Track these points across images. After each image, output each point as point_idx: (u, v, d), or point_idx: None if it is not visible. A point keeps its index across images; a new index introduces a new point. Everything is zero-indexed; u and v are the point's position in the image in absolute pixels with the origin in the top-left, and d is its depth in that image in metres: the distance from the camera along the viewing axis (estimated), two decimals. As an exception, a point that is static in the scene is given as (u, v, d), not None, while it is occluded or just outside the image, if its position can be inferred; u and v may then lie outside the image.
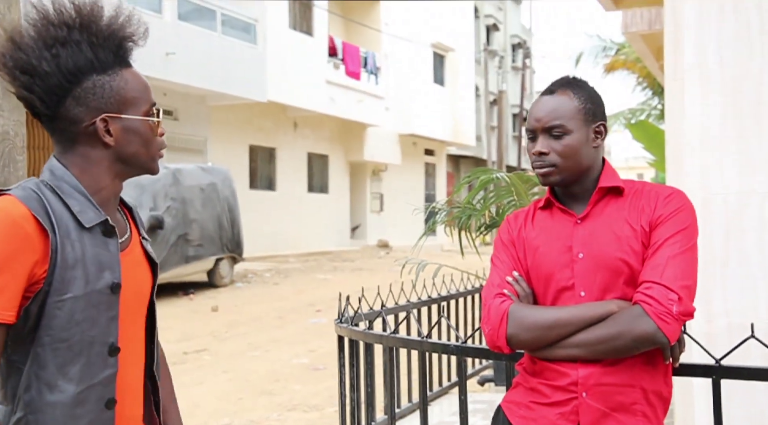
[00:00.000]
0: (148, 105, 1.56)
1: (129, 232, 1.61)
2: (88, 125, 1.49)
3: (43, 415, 1.43)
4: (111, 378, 1.50)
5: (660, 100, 17.61)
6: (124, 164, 1.55)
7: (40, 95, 1.47)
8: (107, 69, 1.50)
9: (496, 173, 5.31)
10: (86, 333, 1.45)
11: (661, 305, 1.69)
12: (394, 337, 2.79)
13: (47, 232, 1.41)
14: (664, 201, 1.82)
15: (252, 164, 20.35)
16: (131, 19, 1.55)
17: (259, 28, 17.98)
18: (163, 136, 1.60)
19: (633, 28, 7.66)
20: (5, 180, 2.14)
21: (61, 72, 1.46)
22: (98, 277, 1.47)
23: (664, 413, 1.86)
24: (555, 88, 1.89)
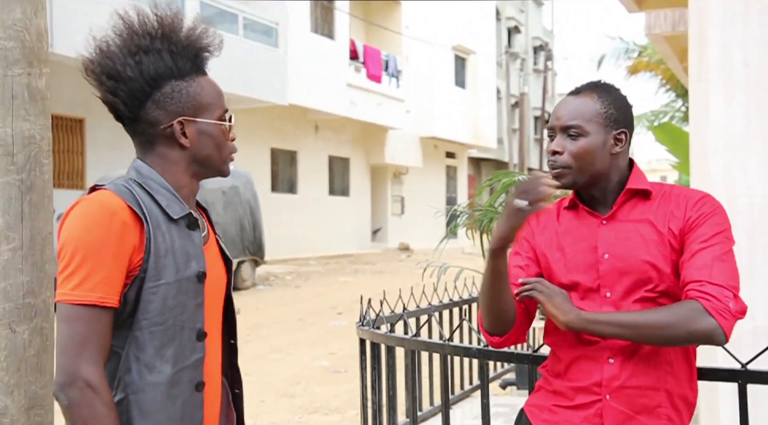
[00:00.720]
0: (221, 110, 1.68)
1: (207, 229, 1.74)
2: (165, 127, 1.62)
3: (144, 395, 1.54)
4: (200, 361, 1.62)
5: (683, 102, 17.47)
6: (199, 165, 1.67)
7: (123, 99, 1.60)
8: (185, 76, 1.63)
9: (518, 176, 5.30)
10: (178, 318, 1.57)
11: (719, 301, 1.66)
12: (416, 340, 2.78)
13: (142, 222, 1.54)
14: (697, 204, 1.80)
15: (273, 167, 20.43)
16: (207, 31, 1.69)
17: (281, 31, 18.05)
18: (234, 141, 1.72)
19: (656, 30, 7.60)
20: (31, 183, 2.17)
21: (143, 77, 1.59)
22: (186, 266, 1.59)
23: (689, 417, 1.84)
24: (581, 90, 1.88)
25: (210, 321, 1.66)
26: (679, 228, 1.79)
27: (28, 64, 2.17)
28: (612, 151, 1.84)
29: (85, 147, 14.94)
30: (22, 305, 2.12)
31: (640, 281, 1.78)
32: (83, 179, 14.91)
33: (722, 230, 1.77)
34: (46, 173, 2.22)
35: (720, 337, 1.66)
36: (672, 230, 1.79)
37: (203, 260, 1.62)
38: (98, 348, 1.50)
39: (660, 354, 1.79)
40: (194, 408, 1.60)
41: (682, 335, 1.67)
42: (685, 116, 16.65)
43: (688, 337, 1.67)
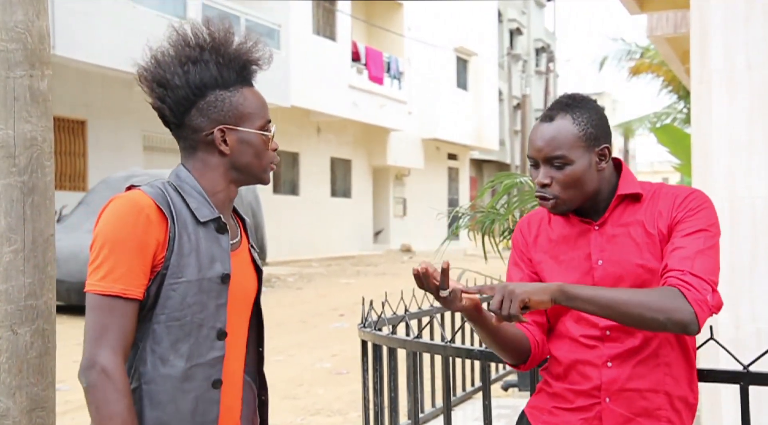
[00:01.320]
0: (264, 121, 1.74)
1: (239, 237, 1.79)
2: (207, 133, 1.69)
3: (156, 386, 1.61)
4: (218, 360, 1.66)
5: (685, 103, 17.46)
6: (238, 172, 1.73)
7: (170, 105, 1.68)
8: (229, 86, 1.70)
9: (520, 178, 5.29)
10: (196, 316, 1.63)
11: (699, 292, 1.65)
12: (418, 342, 2.78)
13: (167, 221, 1.61)
14: (685, 201, 1.79)
15: (275, 168, 20.43)
16: (257, 46, 1.77)
17: (283, 33, 18.07)
18: (275, 150, 1.78)
19: (658, 32, 7.60)
20: (33, 185, 2.17)
21: (189, 86, 1.66)
22: (210, 267, 1.65)
23: (690, 419, 1.84)
24: (554, 114, 1.82)
25: (235, 323, 1.71)
26: (667, 225, 1.78)
27: (30, 66, 2.17)
28: (598, 168, 1.82)
29: (86, 149, 14.95)
30: (24, 307, 2.12)
31: (636, 285, 1.78)
32: (85, 180, 14.92)
33: (708, 224, 1.76)
34: (47, 175, 2.22)
35: (694, 327, 1.65)
36: (661, 229, 1.79)
37: (228, 263, 1.67)
38: (119, 336, 1.56)
39: (659, 357, 1.79)
40: (209, 404, 1.65)
41: (660, 319, 1.64)
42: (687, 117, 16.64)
43: (665, 322, 1.64)
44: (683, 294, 1.64)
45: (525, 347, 1.89)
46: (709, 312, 1.67)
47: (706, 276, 1.68)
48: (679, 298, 1.64)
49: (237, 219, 1.83)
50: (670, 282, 1.68)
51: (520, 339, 1.88)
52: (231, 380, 1.72)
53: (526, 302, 1.63)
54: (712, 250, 1.73)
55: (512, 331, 1.87)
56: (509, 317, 1.63)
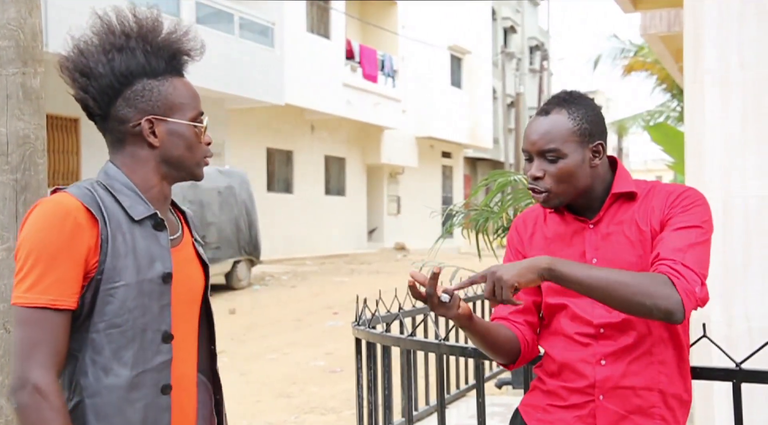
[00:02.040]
0: (195, 112, 1.66)
1: (181, 231, 1.71)
2: (134, 124, 1.60)
3: (101, 398, 1.52)
4: (166, 364, 1.58)
5: (679, 102, 17.49)
6: (170, 166, 1.64)
7: (93, 95, 1.59)
8: (157, 75, 1.62)
9: (514, 176, 5.30)
10: (138, 320, 1.54)
11: (688, 283, 1.65)
12: (412, 340, 2.78)
13: (98, 223, 1.52)
14: (679, 198, 1.79)
15: (269, 166, 20.41)
16: (188, 35, 1.68)
17: (277, 31, 18.03)
18: (209, 144, 1.70)
19: (652, 30, 7.61)
20: (26, 183, 2.17)
21: (114, 74, 1.58)
22: (149, 267, 1.56)
23: (684, 416, 1.85)
24: (550, 108, 1.83)
25: (181, 323, 1.63)
26: (660, 221, 1.79)
27: (22, 63, 2.17)
28: (592, 164, 1.83)
29: (80, 147, 14.92)
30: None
31: None
32: (78, 178, 14.89)
33: (702, 221, 1.76)
34: (40, 173, 2.22)
35: (679, 316, 1.65)
36: (653, 226, 1.79)
37: (169, 262, 1.60)
38: (50, 351, 1.47)
39: (653, 355, 1.79)
40: (159, 412, 1.57)
41: (647, 303, 1.63)
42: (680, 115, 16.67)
43: (651, 307, 1.64)
44: (672, 283, 1.64)
45: (515, 347, 1.90)
46: (695, 304, 1.67)
47: (696, 268, 1.68)
48: (668, 285, 1.64)
49: (177, 213, 1.76)
50: (660, 269, 1.68)
51: (510, 339, 1.90)
52: (182, 383, 1.64)
53: (516, 286, 1.64)
54: (704, 245, 1.74)
55: (503, 333, 1.89)
56: (503, 301, 1.64)
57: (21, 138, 2.17)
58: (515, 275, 1.63)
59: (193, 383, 1.69)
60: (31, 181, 2.18)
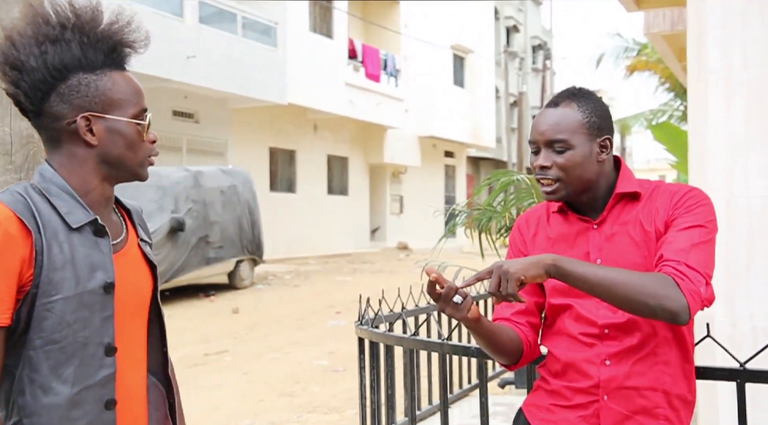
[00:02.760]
0: (138, 109, 1.55)
1: (125, 233, 1.61)
2: (70, 122, 1.50)
3: (39, 418, 1.43)
4: (109, 378, 1.49)
5: (682, 101, 17.47)
6: (110, 166, 1.54)
7: (25, 90, 1.49)
8: (95, 69, 1.51)
9: (517, 175, 5.30)
10: (79, 334, 1.45)
11: (692, 284, 1.65)
12: (415, 339, 2.78)
13: (32, 233, 1.41)
14: (683, 198, 1.79)
15: (272, 166, 20.42)
16: (129, 25, 1.56)
17: (280, 30, 18.04)
18: (154, 143, 1.59)
19: (655, 29, 7.60)
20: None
21: (47, 68, 1.48)
22: (90, 277, 1.46)
23: (688, 416, 1.84)
24: (560, 101, 1.84)
25: (127, 333, 1.55)
26: (664, 221, 1.79)
27: (26, 63, 2.17)
28: (599, 159, 1.83)
29: (83, 146, 14.91)
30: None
31: None
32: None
33: (706, 220, 1.76)
34: (44, 173, 2.22)
35: (684, 317, 1.64)
36: (658, 226, 1.79)
37: (112, 270, 1.49)
38: None
39: (657, 355, 1.79)
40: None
41: (651, 304, 1.63)
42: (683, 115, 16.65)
43: (655, 308, 1.63)
44: (677, 284, 1.64)
45: (518, 348, 1.91)
46: (701, 305, 1.67)
47: (701, 268, 1.68)
48: (672, 286, 1.64)
49: (121, 211, 1.64)
50: (664, 270, 1.67)
51: (513, 340, 1.90)
52: (130, 394, 1.55)
53: (522, 280, 1.63)
54: (708, 244, 1.73)
55: (506, 334, 1.89)
56: (507, 297, 1.63)
57: (25, 138, 2.17)
58: (521, 269, 1.62)
59: (143, 391, 1.60)
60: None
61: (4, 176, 2.15)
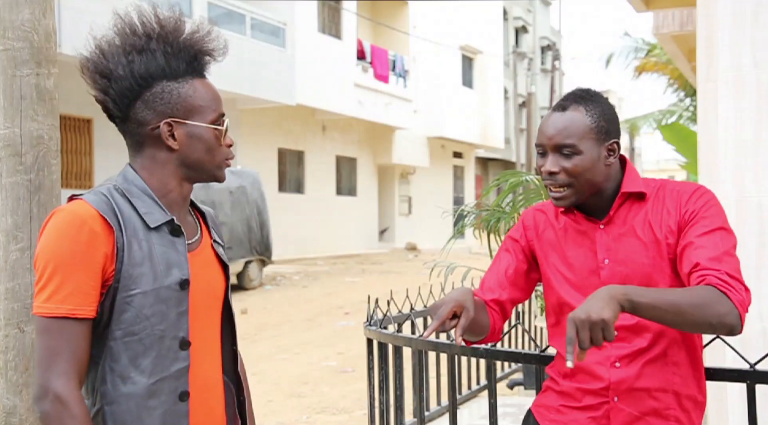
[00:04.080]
0: (216, 115, 1.63)
1: (200, 234, 1.70)
2: (153, 127, 1.59)
3: (119, 406, 1.52)
4: (183, 371, 1.57)
5: (692, 101, 17.40)
6: (190, 168, 1.63)
7: (113, 97, 1.58)
8: (178, 77, 1.60)
9: (525, 176, 5.29)
10: (156, 327, 1.54)
11: (738, 293, 1.62)
12: (423, 340, 2.78)
13: (114, 231, 1.51)
14: (693, 197, 1.79)
15: (281, 167, 20.45)
16: (209, 35, 1.65)
17: (288, 31, 18.07)
18: (230, 146, 1.67)
19: (664, 30, 7.58)
20: (40, 184, 2.18)
21: (134, 76, 1.57)
22: (166, 274, 1.55)
23: (699, 418, 1.84)
24: (567, 104, 1.82)
25: (201, 328, 1.63)
26: (677, 222, 1.77)
27: (36, 64, 2.18)
28: (606, 163, 1.82)
29: (93, 147, 14.99)
30: (30, 305, 2.12)
31: (642, 285, 1.77)
32: (91, 179, 14.96)
33: (723, 221, 1.76)
34: (54, 174, 2.23)
35: (739, 328, 1.62)
36: (670, 226, 1.78)
37: (187, 268, 1.58)
38: (71, 360, 1.47)
39: (666, 356, 1.79)
40: (177, 419, 1.56)
41: (713, 322, 1.59)
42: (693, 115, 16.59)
43: (717, 326, 1.60)
44: (727, 296, 1.61)
45: (483, 332, 1.91)
46: (746, 312, 1.65)
47: (738, 276, 1.66)
48: (725, 300, 1.61)
49: (197, 214, 1.74)
50: (709, 281, 1.63)
51: (484, 326, 1.90)
52: (205, 387, 1.64)
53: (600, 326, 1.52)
54: (734, 249, 1.72)
55: (483, 320, 1.89)
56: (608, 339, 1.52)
57: (35, 139, 2.18)
58: (609, 312, 1.50)
59: (219, 385, 1.69)
60: (44, 181, 2.19)
61: (14, 177, 2.16)
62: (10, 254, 2.14)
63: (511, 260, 1.96)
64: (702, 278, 1.65)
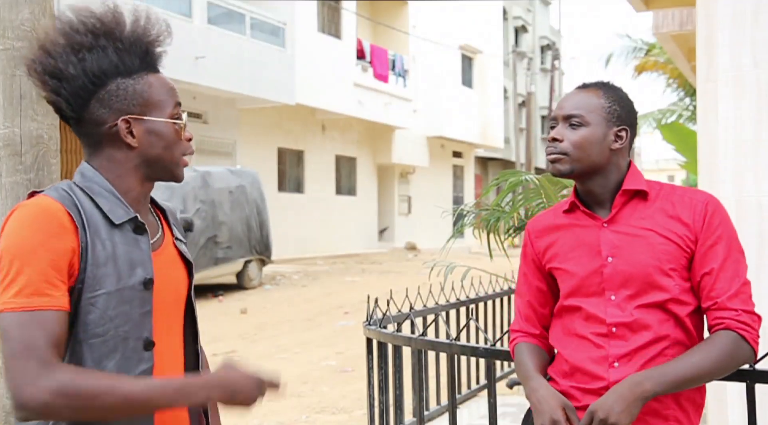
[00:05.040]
0: (173, 107, 1.59)
1: (161, 232, 1.65)
2: (111, 126, 1.54)
3: None
4: (147, 372, 1.52)
5: (692, 100, 17.40)
6: (149, 166, 1.58)
7: (66, 98, 1.53)
8: (132, 73, 1.55)
9: (525, 175, 5.28)
10: (120, 329, 1.48)
11: (753, 330, 1.76)
12: (423, 340, 2.78)
13: (78, 229, 1.46)
14: (705, 211, 1.81)
15: (280, 166, 20.45)
16: (151, 21, 1.59)
17: (288, 31, 18.07)
18: (190, 141, 1.63)
19: (664, 29, 7.58)
20: (39, 183, 2.18)
21: (86, 75, 1.51)
22: (130, 274, 1.50)
23: (697, 418, 1.84)
24: (589, 85, 1.91)
25: (164, 328, 1.58)
26: (688, 235, 1.80)
27: (36, 64, 2.17)
28: (612, 146, 1.86)
29: (92, 147, 14.97)
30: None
31: (646, 285, 1.79)
32: (91, 178, 14.94)
33: (735, 239, 1.82)
34: (54, 173, 2.23)
35: (752, 360, 1.79)
36: (678, 233, 1.80)
37: (150, 267, 1.54)
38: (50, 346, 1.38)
39: (666, 356, 1.79)
40: (142, 420, 1.50)
41: (732, 368, 1.77)
42: (693, 114, 16.59)
43: (734, 369, 1.78)
44: (744, 338, 1.74)
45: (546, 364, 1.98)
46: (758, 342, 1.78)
47: (752, 306, 1.78)
48: (740, 342, 1.74)
49: (157, 211, 1.69)
50: (728, 324, 1.75)
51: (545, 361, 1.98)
52: None
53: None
54: (746, 270, 1.82)
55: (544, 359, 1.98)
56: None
57: (34, 138, 2.18)
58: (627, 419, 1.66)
59: None
60: (44, 181, 2.19)
61: (14, 177, 2.16)
62: (10, 253, 2.14)
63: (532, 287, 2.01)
64: (720, 321, 1.76)
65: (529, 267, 1.99)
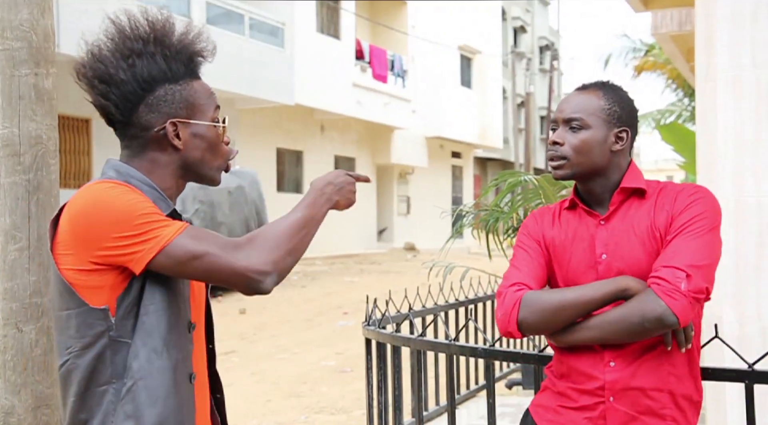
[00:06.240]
0: (213, 110, 1.67)
1: None
2: (159, 129, 1.60)
3: (153, 380, 1.52)
4: (190, 352, 1.61)
5: (691, 101, 17.42)
6: (189, 168, 1.65)
7: (115, 102, 1.58)
8: (178, 79, 1.62)
9: (524, 176, 5.28)
10: (178, 308, 1.57)
11: (669, 283, 1.67)
12: (422, 340, 2.78)
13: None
14: (682, 195, 1.80)
15: (279, 167, 20.44)
16: (200, 36, 1.68)
17: (287, 31, 18.06)
18: (229, 144, 1.71)
19: (663, 29, 7.59)
20: (38, 183, 2.18)
21: (136, 80, 1.57)
22: None
23: (695, 418, 1.84)
24: (588, 87, 1.90)
25: (196, 315, 1.66)
26: (665, 223, 1.79)
27: (35, 64, 2.18)
28: (612, 148, 1.86)
29: (91, 147, 14.98)
30: (29, 304, 2.13)
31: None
32: (90, 179, 14.95)
33: (700, 215, 1.75)
34: (52, 173, 2.23)
35: (670, 318, 1.67)
36: (663, 222, 1.79)
37: None
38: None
39: (662, 356, 1.79)
40: (189, 399, 1.58)
41: (640, 323, 1.69)
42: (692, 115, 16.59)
43: (643, 324, 1.68)
44: (653, 290, 1.68)
45: None
46: (685, 299, 1.67)
47: (681, 264, 1.69)
48: (649, 296, 1.68)
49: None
50: (648, 285, 1.72)
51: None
52: (200, 374, 1.66)
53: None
54: (701, 238, 1.73)
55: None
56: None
57: (33, 139, 2.18)
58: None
59: (205, 377, 1.70)
60: (43, 181, 2.19)
61: (13, 177, 2.16)
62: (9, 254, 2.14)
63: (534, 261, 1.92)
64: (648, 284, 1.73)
65: (531, 246, 1.93)
